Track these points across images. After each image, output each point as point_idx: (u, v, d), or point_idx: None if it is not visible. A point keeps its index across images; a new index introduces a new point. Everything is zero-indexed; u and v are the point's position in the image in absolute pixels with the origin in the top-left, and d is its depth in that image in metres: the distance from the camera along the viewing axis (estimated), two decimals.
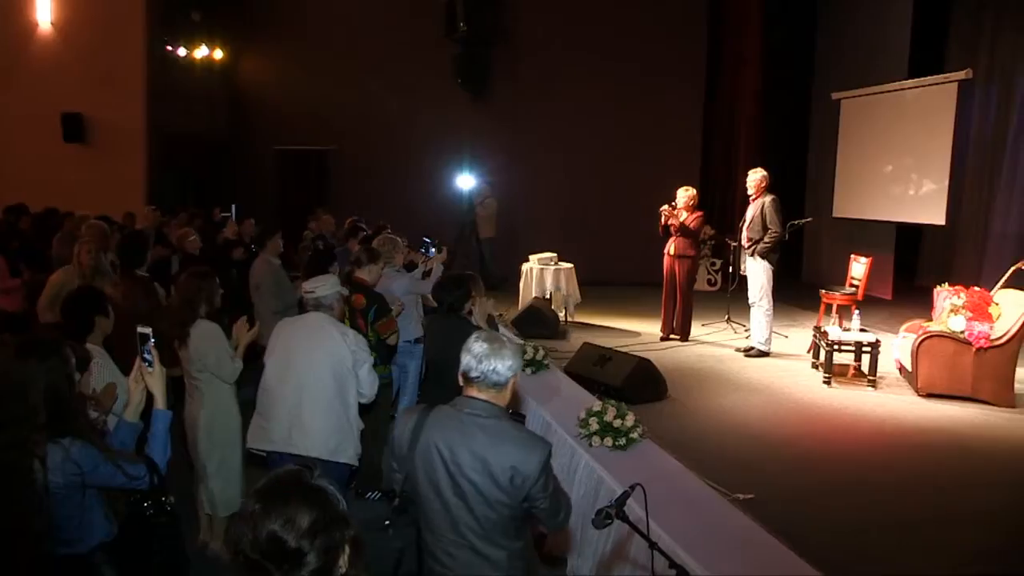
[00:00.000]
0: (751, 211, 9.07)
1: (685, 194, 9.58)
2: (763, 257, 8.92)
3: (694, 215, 9.58)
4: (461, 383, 2.80)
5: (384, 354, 5.49)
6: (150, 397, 3.15)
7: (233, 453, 4.80)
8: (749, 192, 9.17)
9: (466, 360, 2.74)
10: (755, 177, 9.11)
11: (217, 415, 4.72)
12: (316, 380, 4.34)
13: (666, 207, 9.58)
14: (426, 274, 6.71)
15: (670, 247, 9.67)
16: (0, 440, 2.74)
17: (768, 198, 8.95)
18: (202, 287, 4.67)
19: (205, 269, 5.03)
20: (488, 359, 2.70)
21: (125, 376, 4.10)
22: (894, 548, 4.81)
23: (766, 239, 8.86)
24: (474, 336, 2.80)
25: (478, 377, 2.72)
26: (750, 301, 9.19)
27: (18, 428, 2.74)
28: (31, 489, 2.73)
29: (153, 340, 3.08)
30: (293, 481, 1.78)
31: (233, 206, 10.31)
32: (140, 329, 3.09)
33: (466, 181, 13.65)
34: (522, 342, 6.87)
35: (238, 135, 16.06)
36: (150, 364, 3.08)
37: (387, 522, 3.05)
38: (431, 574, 2.82)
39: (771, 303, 9.07)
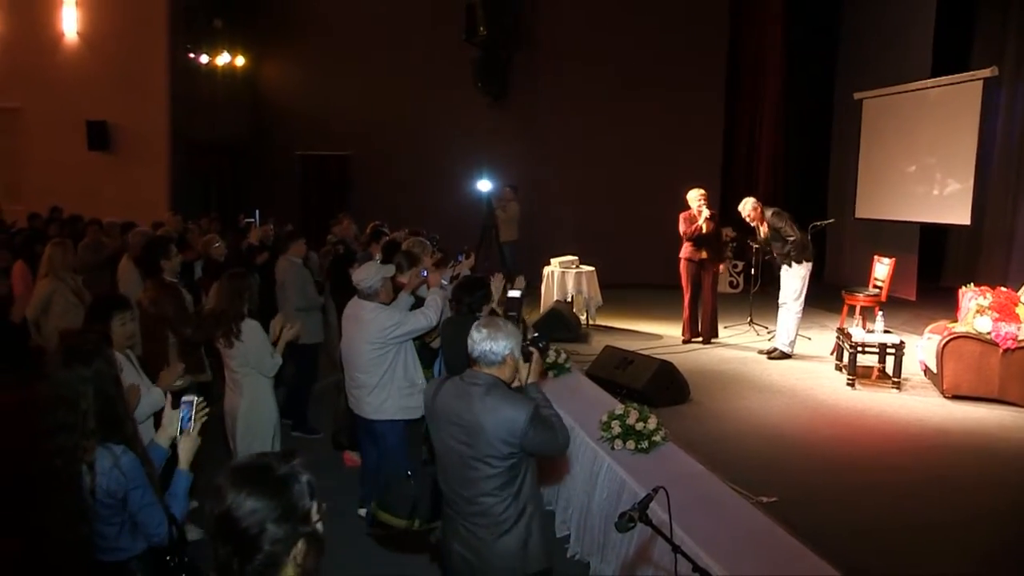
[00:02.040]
0: (763, 232, 9.20)
1: (698, 193, 9.59)
2: (798, 262, 8.91)
3: (708, 215, 9.59)
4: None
5: (427, 357, 5.52)
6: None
7: (270, 442, 5.05)
8: (750, 223, 9.28)
9: (469, 344, 3.21)
10: (746, 209, 9.28)
11: (255, 407, 5.00)
12: (355, 356, 5.11)
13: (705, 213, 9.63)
14: (455, 279, 6.73)
15: (698, 252, 9.64)
16: (49, 448, 2.76)
17: (769, 212, 9.02)
18: (243, 287, 4.94)
19: (241, 270, 5.28)
20: (485, 342, 3.16)
21: (151, 380, 4.18)
22: (919, 550, 4.78)
23: (791, 248, 8.88)
24: (476, 324, 3.25)
25: (479, 357, 3.19)
26: (781, 301, 9.15)
27: (68, 436, 2.76)
28: (78, 496, 2.75)
29: (194, 407, 3.09)
30: (260, 468, 1.82)
31: (257, 211, 10.37)
32: (185, 398, 3.10)
33: (484, 184, 13.69)
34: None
35: (260, 141, 16.19)
36: (183, 430, 3.09)
37: (408, 472, 3.61)
38: (445, 516, 3.36)
39: (802, 306, 9.05)
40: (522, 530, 3.19)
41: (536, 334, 3.65)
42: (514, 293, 5.29)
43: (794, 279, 8.99)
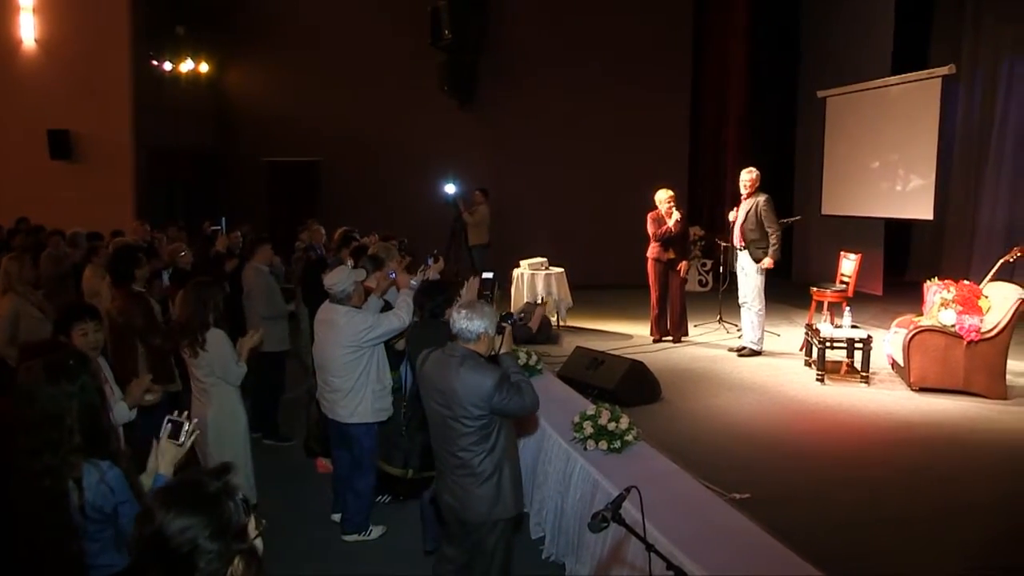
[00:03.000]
0: (744, 209, 9.09)
1: (667, 195, 9.62)
2: (773, 257, 8.91)
3: (679, 218, 9.63)
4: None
5: (393, 360, 5.51)
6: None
7: (240, 450, 5.00)
8: (742, 191, 9.19)
9: (451, 321, 3.72)
10: (748, 176, 9.14)
11: (224, 416, 4.94)
12: (328, 361, 5.13)
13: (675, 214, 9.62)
14: (424, 283, 6.71)
15: (665, 253, 9.67)
16: (36, 467, 2.69)
17: (762, 198, 8.98)
18: (208, 296, 4.89)
19: (207, 278, 5.19)
20: (463, 321, 3.66)
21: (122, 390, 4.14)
22: (892, 543, 4.83)
23: (772, 241, 8.86)
24: (458, 304, 3.83)
25: (457, 332, 3.68)
26: (741, 301, 9.21)
27: (54, 453, 2.69)
28: (67, 514, 2.69)
29: (187, 427, 3.02)
30: (190, 485, 1.79)
31: (223, 218, 10.27)
32: (174, 418, 3.04)
33: (449, 188, 13.69)
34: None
35: (226, 147, 16.03)
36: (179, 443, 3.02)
37: (403, 428, 4.71)
38: (437, 470, 3.95)
39: (763, 303, 9.08)
40: (496, 482, 3.70)
41: (506, 313, 4.22)
42: (487, 275, 5.54)
43: (752, 275, 9.04)
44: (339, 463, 5.52)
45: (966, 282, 8.10)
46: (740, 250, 9.14)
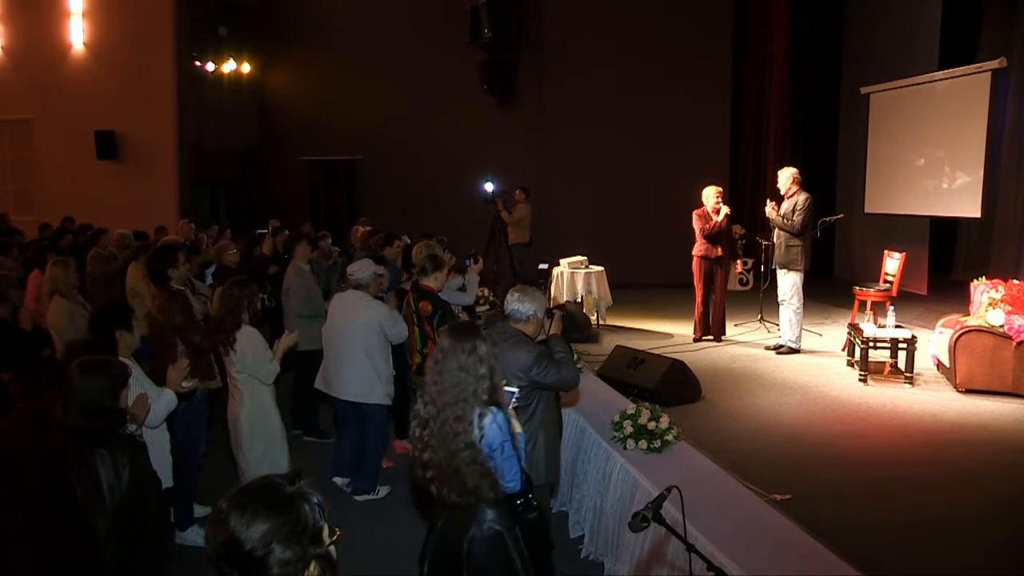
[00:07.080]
0: (784, 208, 8.99)
1: (715, 191, 9.55)
2: (777, 221, 8.83)
3: (728, 212, 9.57)
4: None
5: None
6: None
7: (274, 448, 5.07)
8: (781, 190, 9.09)
9: (505, 303, 4.18)
10: (785, 175, 9.05)
11: (256, 413, 5.00)
12: (347, 340, 5.69)
13: (719, 209, 9.54)
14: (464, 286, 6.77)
15: (714, 249, 9.60)
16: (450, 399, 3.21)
17: (803, 196, 8.86)
18: (244, 295, 4.97)
19: (245, 277, 5.25)
20: (515, 303, 4.10)
21: (158, 386, 4.24)
22: (935, 545, 4.75)
23: (792, 218, 8.77)
24: (511, 288, 4.22)
25: (510, 313, 4.13)
26: (780, 299, 9.12)
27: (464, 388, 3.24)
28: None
29: None
30: (263, 487, 1.76)
31: (270, 223, 10.37)
32: None
33: (487, 187, 13.70)
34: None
35: (268, 147, 16.24)
36: None
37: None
38: None
39: (801, 301, 8.98)
40: (531, 449, 4.00)
41: (558, 304, 4.53)
42: (543, 265, 6.70)
43: (790, 275, 8.95)
44: (345, 435, 6.05)
45: (1016, 281, 7.93)
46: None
